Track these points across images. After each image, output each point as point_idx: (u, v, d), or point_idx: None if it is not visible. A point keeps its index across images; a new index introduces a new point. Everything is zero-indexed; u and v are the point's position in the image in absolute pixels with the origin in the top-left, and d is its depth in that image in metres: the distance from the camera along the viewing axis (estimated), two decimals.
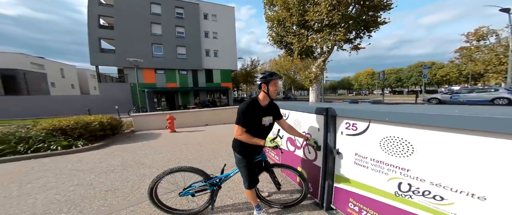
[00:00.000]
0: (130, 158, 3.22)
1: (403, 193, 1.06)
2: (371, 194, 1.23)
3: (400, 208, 1.07)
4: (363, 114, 1.22)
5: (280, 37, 9.40)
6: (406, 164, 1.03)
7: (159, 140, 4.65)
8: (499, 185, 0.74)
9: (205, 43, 18.85)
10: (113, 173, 2.60)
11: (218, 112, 7.50)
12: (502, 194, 0.73)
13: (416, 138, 0.98)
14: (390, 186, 1.11)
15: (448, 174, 0.88)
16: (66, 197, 2.00)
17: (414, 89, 30.15)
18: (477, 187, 0.80)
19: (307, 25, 7.90)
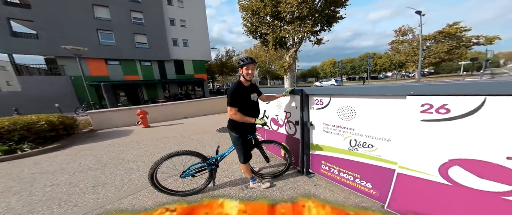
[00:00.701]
0: (105, 155, 2.98)
1: (353, 147, 1.50)
2: (334, 154, 1.65)
3: (352, 159, 1.51)
4: (326, 91, 1.60)
5: (255, 27, 9.39)
6: (352, 125, 1.46)
7: (133, 136, 4.24)
8: (394, 129, 1.19)
9: (172, 32, 16.62)
10: (92, 170, 2.42)
11: (196, 104, 7.16)
12: (396, 135, 1.19)
13: (356, 105, 1.40)
14: (345, 144, 1.55)
15: (372, 128, 1.32)
16: (46, 196, 1.86)
17: (363, 76, 36.28)
18: (385, 134, 1.26)
19: (280, 17, 8.20)
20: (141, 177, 2.17)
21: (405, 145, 1.14)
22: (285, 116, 2.13)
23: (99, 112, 5.51)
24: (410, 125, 1.09)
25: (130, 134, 4.50)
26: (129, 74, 15.09)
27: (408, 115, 1.10)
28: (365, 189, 1.46)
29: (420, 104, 1.04)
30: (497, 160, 0.83)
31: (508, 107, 0.79)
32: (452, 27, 19.48)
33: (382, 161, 1.31)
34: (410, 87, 1.08)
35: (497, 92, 0.81)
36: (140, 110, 5.13)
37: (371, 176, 1.40)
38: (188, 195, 1.69)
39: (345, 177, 1.61)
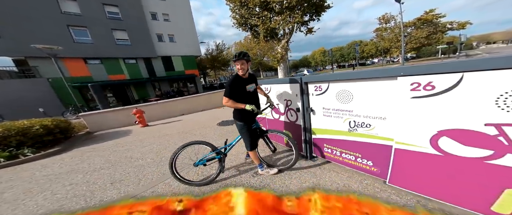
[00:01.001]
0: (112, 155, 3.03)
1: (352, 128, 1.61)
2: (335, 136, 1.76)
3: (352, 140, 1.63)
4: (325, 78, 1.67)
5: (244, 19, 9.12)
6: (350, 107, 1.56)
7: (134, 136, 4.22)
8: (388, 108, 1.31)
9: (155, 27, 15.57)
10: (104, 169, 2.48)
11: (192, 100, 7.01)
12: (391, 113, 1.31)
13: (353, 88, 1.49)
14: (345, 126, 1.66)
15: (369, 108, 1.43)
16: (70, 194, 1.94)
17: (352, 63, 37.48)
18: (380, 113, 1.37)
19: (269, 7, 8.02)
20: (154, 173, 2.24)
21: (399, 122, 1.26)
22: (285, 104, 2.20)
23: (93, 114, 5.28)
24: (402, 103, 1.21)
25: (130, 134, 4.45)
26: (114, 73, 14.07)
27: (400, 94, 1.20)
28: (366, 167, 1.61)
29: (410, 83, 1.15)
30: (477, 127, 0.97)
31: (481, 80, 0.91)
32: (429, 14, 20.52)
33: (380, 138, 1.44)
34: (400, 69, 1.18)
35: (472, 68, 0.93)
36: (136, 110, 5.00)
37: (371, 154, 1.54)
38: (202, 185, 1.79)
39: (347, 158, 1.74)
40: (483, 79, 0.91)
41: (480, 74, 0.91)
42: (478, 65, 0.91)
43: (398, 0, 15.67)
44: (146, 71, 15.59)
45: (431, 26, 20.92)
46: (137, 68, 15.19)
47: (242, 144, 2.01)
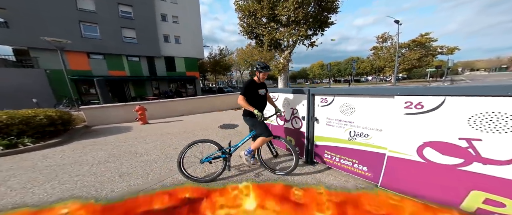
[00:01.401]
0: (115, 150, 3.05)
1: (352, 137, 1.83)
2: (336, 144, 1.97)
3: (351, 148, 1.84)
4: (330, 91, 1.91)
5: (251, 28, 9.57)
6: (352, 119, 1.78)
7: (135, 132, 4.25)
8: (387, 121, 1.54)
9: (163, 28, 15.97)
10: (109, 163, 2.51)
11: (193, 102, 7.14)
12: (386, 126, 1.54)
13: (355, 102, 1.72)
14: (346, 135, 1.87)
15: (368, 120, 1.66)
16: (78, 184, 1.97)
17: (348, 79, 38.99)
18: (378, 125, 1.60)
19: (276, 19, 8.53)
20: (161, 168, 2.32)
21: (393, 133, 1.49)
22: (291, 112, 2.40)
23: (94, 108, 5.28)
24: (397, 117, 1.44)
25: (131, 130, 4.47)
26: (115, 69, 14.11)
27: (395, 110, 1.44)
28: (361, 172, 1.80)
29: (404, 101, 1.39)
30: (453, 140, 1.20)
31: (458, 104, 1.16)
32: (423, 37, 22.21)
33: (375, 147, 1.65)
34: (397, 89, 1.42)
35: (452, 93, 1.18)
36: (139, 107, 5.05)
37: (367, 160, 1.74)
38: (208, 181, 1.91)
39: (345, 163, 1.93)
40: (459, 103, 1.15)
41: (457, 98, 1.16)
42: (456, 92, 1.16)
43: (396, 21, 16.98)
44: (147, 70, 15.71)
45: (423, 49, 22.51)
46: (139, 66, 15.29)
47: (246, 146, 2.19)
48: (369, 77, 39.30)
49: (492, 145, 1.06)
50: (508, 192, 1.04)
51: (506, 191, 1.04)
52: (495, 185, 1.08)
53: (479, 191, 1.14)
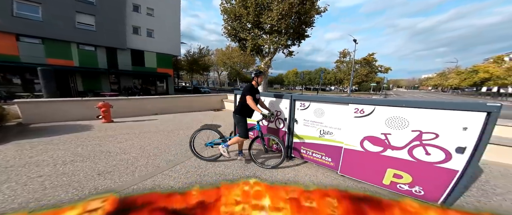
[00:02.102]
0: (81, 149, 2.74)
1: (321, 135, 2.38)
2: (310, 140, 2.49)
3: (320, 143, 2.38)
4: (308, 98, 2.43)
5: (235, 31, 9.76)
6: (322, 120, 2.34)
7: (99, 131, 3.71)
8: (344, 122, 2.16)
9: (134, 19, 14.14)
10: (77, 162, 2.28)
11: (169, 101, 6.63)
12: (345, 126, 2.15)
13: (325, 107, 2.29)
14: (317, 133, 2.41)
15: (332, 121, 2.25)
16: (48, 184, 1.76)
17: (316, 87, 44.40)
18: (338, 125, 2.21)
19: (260, 26, 9.08)
20: (148, 165, 2.27)
21: (347, 131, 2.10)
22: (275, 114, 2.82)
23: (36, 103, 4.24)
24: (349, 119, 2.05)
25: (92, 129, 3.85)
26: (57, 57, 11.33)
27: (349, 114, 2.05)
28: (327, 162, 2.37)
29: (354, 108, 2.01)
30: (378, 134, 1.87)
31: (381, 111, 1.83)
32: (370, 57, 28.23)
33: (336, 142, 2.24)
34: (350, 99, 2.04)
35: (379, 104, 1.85)
36: (103, 103, 4.36)
37: (331, 153, 2.32)
38: (211, 161, 2.42)
39: (316, 156, 2.47)
40: (382, 110, 1.82)
41: (381, 107, 1.82)
42: (380, 103, 1.83)
43: (354, 40, 20.79)
44: (105, 62, 13.28)
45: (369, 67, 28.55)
46: (93, 56, 12.80)
47: None
48: (332, 87, 46.19)
49: (396, 137, 1.75)
50: (403, 167, 1.74)
51: (403, 166, 1.74)
52: (398, 164, 1.77)
53: (392, 169, 1.82)
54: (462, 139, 1.39)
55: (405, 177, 1.73)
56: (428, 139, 1.55)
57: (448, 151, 1.46)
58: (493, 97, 22.76)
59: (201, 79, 45.94)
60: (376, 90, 34.90)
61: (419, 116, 1.58)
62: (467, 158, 1.38)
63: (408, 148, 1.67)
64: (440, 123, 1.48)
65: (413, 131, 1.62)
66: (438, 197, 1.54)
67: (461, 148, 1.39)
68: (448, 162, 1.47)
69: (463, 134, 1.38)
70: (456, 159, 1.43)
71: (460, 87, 35.06)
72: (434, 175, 1.55)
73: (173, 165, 2.26)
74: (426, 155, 1.58)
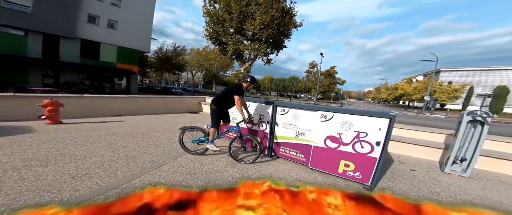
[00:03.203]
0: (28, 153, 2.32)
1: (297, 135, 2.93)
2: (288, 140, 3.00)
3: (296, 142, 2.92)
4: (288, 105, 2.96)
5: (216, 35, 9.79)
6: (298, 124, 2.91)
7: (47, 133, 3.12)
8: (313, 125, 2.79)
9: (92, 6, 12.00)
10: (39, 167, 2.00)
11: (136, 101, 5.96)
12: (314, 128, 2.78)
13: (300, 113, 2.87)
14: (293, 134, 2.95)
15: (305, 124, 2.84)
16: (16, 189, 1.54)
17: (289, 94, 48.64)
18: (309, 127, 2.83)
19: (243, 33, 9.53)
20: (129, 167, 2.16)
21: (315, 132, 2.72)
22: (259, 117, 3.22)
23: None
24: (317, 123, 2.69)
25: (34, 131, 3.14)
26: None
27: (316, 119, 2.69)
28: (301, 159, 2.93)
29: (320, 114, 2.66)
30: (335, 134, 2.56)
31: (337, 117, 2.54)
32: (332, 69, 33.84)
33: (308, 141, 2.84)
34: (318, 107, 2.69)
35: (336, 111, 2.56)
36: (49, 101, 3.58)
37: (303, 150, 2.89)
38: (199, 155, 2.78)
39: (292, 154, 3.00)
40: (338, 116, 2.53)
41: (337, 114, 2.53)
42: (337, 111, 2.54)
43: (321, 53, 24.28)
44: (39, 50, 10.29)
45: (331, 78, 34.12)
46: (21, 42, 9.94)
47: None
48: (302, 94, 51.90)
49: (346, 136, 2.47)
50: (349, 158, 2.46)
51: (349, 157, 2.46)
52: (346, 156, 2.49)
53: (343, 160, 2.53)
54: (378, 136, 2.19)
55: (351, 165, 2.46)
56: (362, 136, 2.32)
57: (372, 144, 2.25)
58: (404, 108, 31.85)
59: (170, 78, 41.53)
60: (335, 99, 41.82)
61: (358, 121, 2.34)
62: (381, 148, 2.18)
63: (352, 143, 2.41)
64: (368, 125, 2.26)
65: (355, 131, 2.37)
66: (369, 179, 2.31)
67: (379, 142, 2.19)
68: (372, 153, 2.26)
69: (379, 132, 2.18)
70: (376, 150, 2.23)
71: (387, 100, 46.50)
72: (366, 163, 2.31)
73: (159, 165, 2.25)
74: (361, 148, 2.34)
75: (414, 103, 32.70)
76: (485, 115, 2.67)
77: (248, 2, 8.72)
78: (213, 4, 9.65)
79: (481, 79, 33.14)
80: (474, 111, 2.78)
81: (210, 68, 34.83)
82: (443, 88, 25.78)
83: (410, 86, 29.94)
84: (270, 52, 11.70)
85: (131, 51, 14.31)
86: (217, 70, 37.18)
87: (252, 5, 8.60)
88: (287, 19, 9.97)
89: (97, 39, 12.58)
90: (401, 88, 30.86)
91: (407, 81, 32.67)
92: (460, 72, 36.18)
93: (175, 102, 6.99)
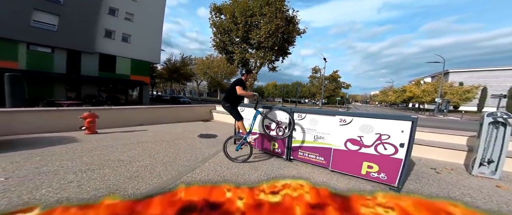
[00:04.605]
0: (85, 158, 2.68)
1: (316, 139, 3.00)
2: (306, 144, 3.06)
3: (315, 146, 2.98)
4: (304, 111, 3.07)
5: (223, 44, 10.28)
6: (316, 128, 2.99)
7: (87, 142, 3.49)
8: (332, 129, 2.85)
9: (108, 22, 13.05)
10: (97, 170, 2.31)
11: (155, 111, 6.29)
12: (333, 132, 2.85)
13: (317, 118, 2.96)
14: (312, 138, 3.02)
15: (324, 128, 2.92)
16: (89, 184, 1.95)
17: (293, 100, 48.62)
18: (328, 130, 2.89)
19: (249, 42, 9.95)
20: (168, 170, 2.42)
21: (334, 135, 2.78)
22: (277, 124, 3.32)
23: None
24: (336, 127, 2.75)
25: (77, 140, 3.57)
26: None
27: (335, 123, 2.76)
28: (321, 161, 2.96)
29: (339, 118, 2.74)
30: (355, 137, 2.61)
31: (357, 120, 2.59)
32: (335, 74, 33.77)
33: (327, 144, 2.89)
34: (337, 112, 2.78)
35: (355, 115, 2.63)
36: (88, 113, 4.03)
37: (323, 153, 2.93)
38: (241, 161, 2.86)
39: (311, 157, 3.04)
40: (357, 120, 2.59)
41: (357, 118, 2.60)
42: (355, 115, 2.61)
43: (324, 58, 24.51)
44: (64, 65, 11.33)
45: (335, 83, 33.95)
46: (49, 59, 10.95)
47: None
48: (306, 100, 51.56)
49: (367, 138, 2.51)
50: (373, 160, 2.48)
51: (372, 159, 2.49)
52: (369, 157, 2.51)
53: (366, 161, 2.55)
54: (402, 138, 2.22)
55: (374, 167, 2.47)
56: (385, 138, 2.35)
57: (396, 146, 2.27)
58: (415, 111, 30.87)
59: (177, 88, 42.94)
60: (340, 104, 41.24)
61: (378, 124, 2.40)
62: (406, 150, 2.20)
63: (374, 145, 2.44)
64: (390, 128, 2.31)
65: (376, 133, 2.41)
66: (395, 180, 2.31)
67: (402, 143, 2.22)
68: (396, 154, 2.28)
69: (402, 135, 2.22)
70: (400, 151, 2.25)
71: (396, 103, 45.37)
72: (390, 164, 2.32)
73: (192, 169, 2.46)
74: (385, 150, 2.37)
75: (425, 105, 31.67)
76: (506, 116, 2.64)
77: (253, 12, 9.21)
78: (219, 15, 10.25)
79: (494, 80, 31.84)
80: (495, 112, 2.76)
81: (214, 76, 35.80)
82: (454, 89, 24.97)
83: (418, 88, 29.22)
84: (276, 59, 12.00)
85: (143, 63, 15.17)
86: (221, 78, 38.12)
87: (257, 15, 9.07)
88: (291, 27, 10.35)
89: (113, 52, 13.50)
90: (409, 90, 30.16)
91: (415, 83, 31.98)
92: (470, 72, 35.11)
93: (187, 111, 7.25)
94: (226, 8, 9.31)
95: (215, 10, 9.87)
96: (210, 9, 9.90)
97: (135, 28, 14.71)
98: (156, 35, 15.88)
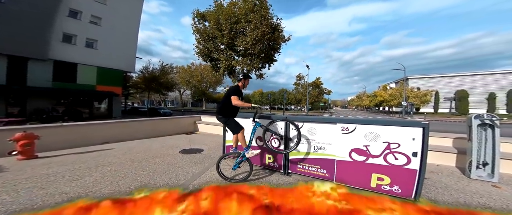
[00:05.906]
0: (12, 194, 1.95)
1: (316, 150, 2.63)
2: (305, 156, 2.66)
3: (315, 158, 2.61)
4: (302, 119, 2.70)
5: (208, 51, 9.79)
6: (315, 138, 2.63)
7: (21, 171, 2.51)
8: (334, 138, 2.53)
9: (68, 25, 11.36)
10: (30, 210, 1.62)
11: (123, 125, 5.24)
12: (335, 141, 2.53)
13: (316, 127, 2.62)
14: (312, 149, 2.64)
15: (324, 138, 2.58)
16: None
17: (280, 107, 49.52)
18: (329, 140, 2.57)
19: (235, 49, 9.68)
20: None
21: (337, 146, 2.45)
22: (270, 135, 2.87)
23: None
24: (338, 136, 2.44)
25: (4, 170, 2.56)
26: None
27: (337, 132, 2.45)
28: (323, 174, 2.57)
29: (340, 127, 2.43)
30: (361, 146, 2.32)
31: (361, 128, 2.33)
32: (318, 80, 35.84)
33: (329, 155, 2.53)
34: (338, 120, 2.48)
35: (359, 123, 2.36)
36: (21, 134, 3.01)
37: (325, 165, 2.56)
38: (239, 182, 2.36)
39: (312, 170, 2.64)
40: (362, 128, 2.32)
41: (360, 125, 2.33)
42: (359, 122, 2.34)
43: (307, 65, 25.74)
44: (3, 75, 9.19)
45: (318, 89, 35.89)
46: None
47: None
48: (292, 106, 53.00)
49: (374, 148, 2.24)
50: (383, 171, 2.19)
51: (382, 170, 2.20)
52: (378, 168, 2.22)
53: (375, 173, 2.25)
54: (414, 146, 1.99)
55: (386, 179, 2.17)
56: (394, 147, 2.10)
57: (408, 155, 2.03)
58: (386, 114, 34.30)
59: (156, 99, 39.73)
60: (324, 109, 43.44)
61: (385, 131, 2.15)
62: (420, 159, 1.97)
63: (383, 155, 2.17)
64: (398, 136, 2.07)
65: (384, 142, 2.15)
66: (410, 192, 2.03)
67: (415, 152, 1.99)
68: (409, 164, 2.03)
69: (413, 143, 1.99)
70: (413, 161, 2.00)
71: (370, 107, 49.83)
72: (404, 175, 2.05)
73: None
74: (395, 160, 2.10)
75: (393, 108, 35.50)
76: (492, 118, 2.71)
77: (238, 19, 9.10)
78: (202, 22, 9.86)
79: (442, 85, 37.58)
80: (481, 114, 2.83)
81: (198, 85, 34.31)
82: (414, 93, 28.76)
83: (386, 93, 32.92)
84: (262, 66, 11.93)
85: (113, 72, 13.36)
86: (206, 87, 36.76)
87: (243, 22, 8.97)
88: (276, 34, 10.53)
89: (74, 59, 11.54)
90: (379, 95, 33.73)
91: (383, 88, 36.02)
92: (424, 79, 41.12)
93: (167, 123, 6.31)
94: (210, 15, 9.01)
95: (199, 16, 9.50)
96: (193, 15, 9.50)
97: (103, 33, 13.03)
98: (130, 41, 14.37)
